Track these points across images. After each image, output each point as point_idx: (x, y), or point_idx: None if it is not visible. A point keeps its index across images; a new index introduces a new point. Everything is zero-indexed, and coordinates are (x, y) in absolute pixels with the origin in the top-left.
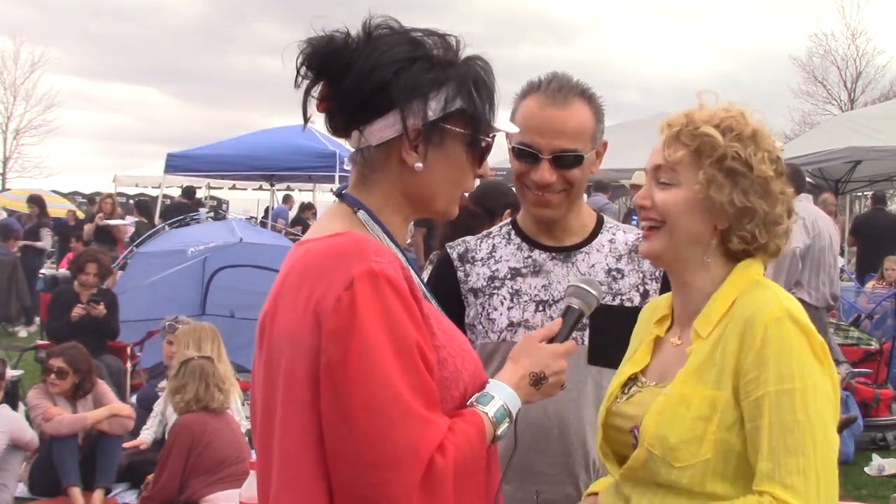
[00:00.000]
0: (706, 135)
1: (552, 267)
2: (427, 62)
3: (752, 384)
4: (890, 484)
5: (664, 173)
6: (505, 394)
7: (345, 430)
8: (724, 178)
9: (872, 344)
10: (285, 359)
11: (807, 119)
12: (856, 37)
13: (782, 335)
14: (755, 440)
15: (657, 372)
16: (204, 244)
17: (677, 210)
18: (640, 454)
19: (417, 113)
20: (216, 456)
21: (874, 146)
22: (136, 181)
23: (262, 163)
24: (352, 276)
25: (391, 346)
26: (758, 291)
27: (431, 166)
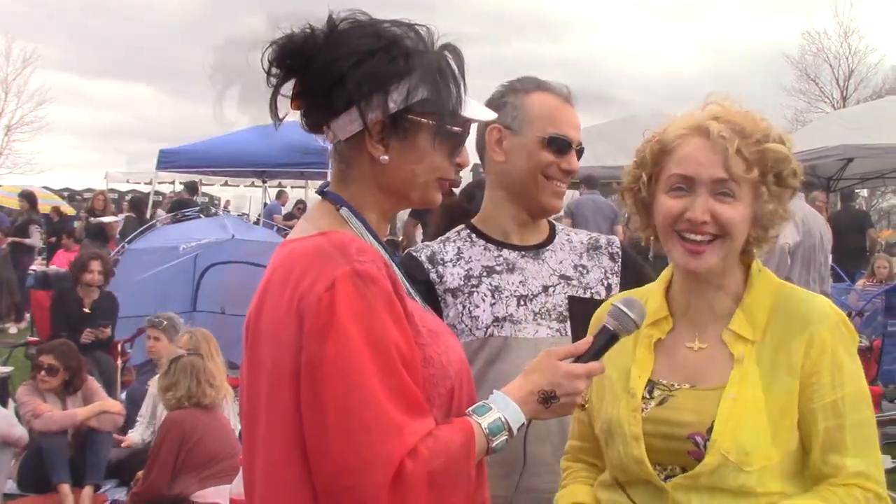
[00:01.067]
0: (773, 151)
1: (525, 264)
2: (387, 53)
3: (828, 388)
4: None
5: (727, 186)
6: (506, 407)
7: (320, 430)
8: (780, 190)
9: (862, 341)
10: (269, 356)
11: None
12: (848, 35)
13: (845, 340)
14: (833, 439)
15: (681, 374)
16: (196, 241)
17: (742, 224)
18: (713, 461)
19: (378, 106)
20: (206, 452)
21: (866, 144)
22: (127, 177)
23: (254, 159)
24: (334, 276)
25: (369, 347)
26: (802, 295)
27: (399, 158)
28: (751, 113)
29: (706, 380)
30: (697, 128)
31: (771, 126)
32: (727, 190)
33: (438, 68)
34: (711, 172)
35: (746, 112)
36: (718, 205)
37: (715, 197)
